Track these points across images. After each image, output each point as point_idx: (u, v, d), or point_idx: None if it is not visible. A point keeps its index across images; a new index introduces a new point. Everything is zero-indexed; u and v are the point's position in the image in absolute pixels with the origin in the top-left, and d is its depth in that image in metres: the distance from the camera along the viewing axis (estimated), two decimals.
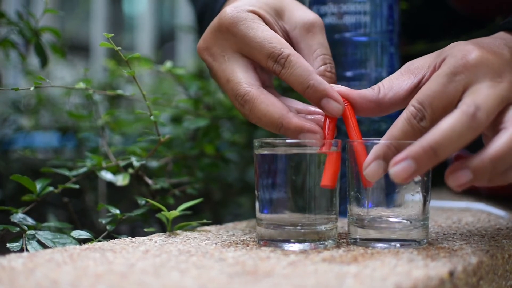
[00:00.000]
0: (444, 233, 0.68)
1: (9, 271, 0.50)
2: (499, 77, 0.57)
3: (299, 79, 0.62)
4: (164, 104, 0.95)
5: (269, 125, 0.63)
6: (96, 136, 1.02)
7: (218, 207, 1.01)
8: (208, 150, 0.91)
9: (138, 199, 0.74)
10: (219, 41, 0.66)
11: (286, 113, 0.62)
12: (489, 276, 0.58)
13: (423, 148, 0.53)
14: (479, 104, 0.55)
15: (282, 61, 0.63)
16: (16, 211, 0.69)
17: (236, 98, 0.64)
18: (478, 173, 0.53)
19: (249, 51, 0.64)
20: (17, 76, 1.61)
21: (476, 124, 0.54)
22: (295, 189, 0.60)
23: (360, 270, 0.51)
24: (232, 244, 0.62)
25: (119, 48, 0.71)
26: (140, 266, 0.52)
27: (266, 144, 0.61)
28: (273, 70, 0.63)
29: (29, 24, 0.87)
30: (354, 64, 0.76)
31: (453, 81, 0.57)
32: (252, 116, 0.64)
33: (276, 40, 0.64)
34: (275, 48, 0.63)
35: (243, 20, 0.65)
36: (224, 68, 0.65)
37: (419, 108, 0.57)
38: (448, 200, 0.91)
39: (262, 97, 0.63)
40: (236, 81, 0.64)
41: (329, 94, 0.62)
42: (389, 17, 0.77)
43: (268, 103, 0.63)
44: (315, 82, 0.62)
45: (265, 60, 0.63)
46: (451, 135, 0.53)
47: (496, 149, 0.53)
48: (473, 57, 0.58)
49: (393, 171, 0.54)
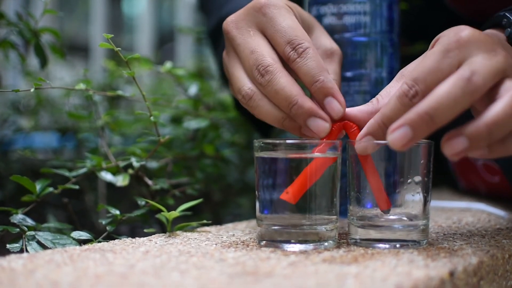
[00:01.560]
0: (445, 233, 0.68)
1: (9, 272, 0.50)
2: (493, 51, 0.57)
3: (311, 71, 0.63)
4: (164, 105, 0.95)
5: (283, 101, 0.63)
6: (96, 136, 1.02)
7: (218, 208, 1.01)
8: (208, 150, 0.91)
9: (138, 200, 0.74)
10: (248, 17, 0.67)
11: (303, 94, 0.63)
12: (490, 276, 0.58)
13: (419, 114, 0.53)
14: (475, 69, 0.54)
15: (300, 50, 0.64)
16: (16, 211, 0.69)
17: (257, 68, 0.64)
18: (474, 139, 0.52)
19: (273, 33, 0.65)
20: (16, 77, 1.61)
21: (473, 88, 0.53)
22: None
23: (360, 271, 0.51)
24: (232, 244, 0.62)
25: (118, 49, 0.71)
26: (140, 267, 0.52)
27: (266, 145, 0.61)
28: (288, 56, 0.64)
29: (28, 25, 0.87)
30: (354, 64, 0.76)
31: (447, 57, 0.57)
32: (269, 89, 0.64)
33: (301, 32, 0.65)
34: (298, 36, 0.64)
35: (277, 6, 0.66)
36: (249, 40, 0.66)
37: (412, 85, 0.57)
38: (448, 200, 0.91)
39: (285, 72, 0.64)
40: (261, 53, 0.65)
41: (335, 94, 0.63)
42: (389, 18, 0.77)
43: (289, 79, 0.64)
44: (325, 79, 0.63)
45: (284, 44, 0.64)
46: (447, 99, 0.53)
47: (492, 115, 0.52)
48: (466, 33, 0.58)
49: (391, 138, 0.54)
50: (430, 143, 0.61)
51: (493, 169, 0.91)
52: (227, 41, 0.69)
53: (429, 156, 0.61)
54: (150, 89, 1.47)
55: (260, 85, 0.64)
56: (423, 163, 0.60)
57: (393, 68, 0.78)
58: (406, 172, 0.60)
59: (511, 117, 0.53)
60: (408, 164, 0.60)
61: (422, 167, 0.60)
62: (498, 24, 0.65)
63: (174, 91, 1.33)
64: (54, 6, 2.97)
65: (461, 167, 0.99)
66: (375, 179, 0.60)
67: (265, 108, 0.65)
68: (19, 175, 0.69)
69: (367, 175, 0.60)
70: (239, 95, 0.67)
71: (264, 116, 0.66)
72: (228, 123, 1.01)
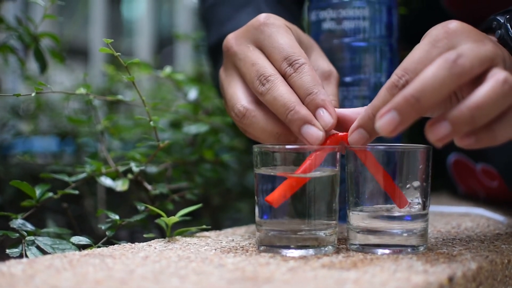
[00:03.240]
0: (444, 238, 0.68)
1: (9, 278, 0.50)
2: (482, 41, 0.57)
3: (306, 84, 0.64)
4: (163, 110, 0.95)
5: (281, 107, 0.64)
6: (95, 141, 1.02)
7: (217, 212, 1.01)
8: (207, 155, 0.91)
9: (138, 205, 0.74)
10: (248, 34, 0.68)
11: (300, 103, 0.64)
12: (489, 282, 0.58)
13: (405, 97, 0.53)
14: (462, 52, 0.54)
15: (297, 65, 0.64)
16: (16, 216, 0.69)
17: (259, 78, 0.65)
18: (456, 123, 0.52)
19: (271, 50, 0.66)
20: (16, 81, 1.61)
21: (459, 70, 0.53)
22: (295, 194, 0.60)
23: (359, 276, 0.51)
24: (231, 250, 0.62)
25: (118, 54, 0.71)
26: (139, 272, 0.52)
27: (265, 156, 0.61)
28: (284, 71, 0.65)
29: (28, 30, 0.87)
30: (353, 69, 0.76)
31: (436, 47, 0.57)
32: (268, 96, 0.64)
33: (298, 50, 0.66)
34: (295, 53, 0.65)
35: (276, 24, 0.68)
36: (249, 54, 0.67)
37: (402, 74, 0.57)
38: (447, 205, 0.92)
39: (285, 82, 0.65)
40: (262, 64, 0.66)
41: (326, 106, 0.63)
42: (388, 23, 0.77)
43: (288, 88, 0.64)
44: (319, 91, 0.63)
45: (281, 61, 0.65)
46: (432, 81, 0.53)
47: (475, 99, 0.52)
48: (454, 24, 0.58)
49: (379, 125, 0.54)
50: (428, 148, 0.61)
51: (492, 174, 0.91)
52: (226, 58, 0.70)
53: (428, 161, 0.61)
54: (149, 93, 1.47)
55: (260, 94, 0.65)
56: (421, 168, 0.61)
57: (392, 73, 0.78)
58: (405, 177, 0.60)
59: (495, 102, 0.52)
60: (407, 169, 0.60)
61: (421, 172, 0.61)
62: (490, 28, 0.65)
63: (173, 95, 1.33)
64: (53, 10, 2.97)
65: (460, 172, 0.99)
66: (386, 179, 0.60)
67: (260, 125, 0.66)
68: (18, 179, 0.69)
69: (376, 177, 0.60)
70: (232, 112, 0.67)
71: (259, 132, 0.66)
72: (227, 127, 1.01)
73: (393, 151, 0.61)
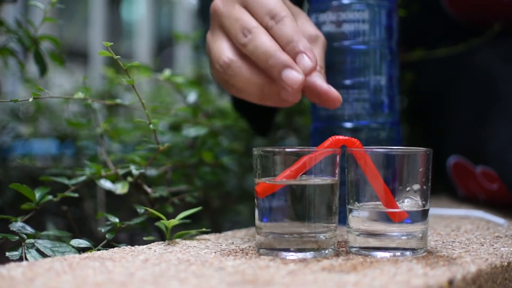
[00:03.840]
0: (443, 241, 0.69)
1: (9, 281, 0.50)
2: None
3: (287, 34, 0.66)
4: (163, 112, 0.95)
5: (261, 55, 0.66)
6: (95, 144, 1.02)
7: (217, 215, 1.01)
8: (207, 158, 0.91)
9: (137, 208, 0.74)
10: None
11: (280, 49, 0.66)
12: (488, 284, 0.58)
13: None
14: None
15: (278, 18, 0.67)
16: (15, 219, 0.69)
17: (242, 31, 0.67)
18: None
19: (254, 7, 0.68)
20: (15, 84, 1.61)
21: None
22: (295, 197, 0.60)
23: (359, 279, 0.51)
24: (231, 252, 0.62)
25: (118, 57, 0.71)
26: (139, 275, 0.52)
27: (265, 159, 0.61)
28: (265, 24, 0.67)
29: (28, 32, 0.87)
30: (352, 72, 0.76)
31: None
32: (250, 46, 0.67)
33: (280, 5, 0.68)
34: (277, 8, 0.67)
35: None
36: (234, 12, 0.69)
37: None
38: (447, 208, 0.92)
39: (266, 34, 0.67)
40: (245, 19, 0.68)
41: (307, 53, 0.66)
42: (387, 25, 0.77)
43: (270, 38, 0.67)
44: (299, 40, 0.66)
45: (263, 15, 0.68)
46: None
47: None
48: None
49: None
50: (428, 151, 0.61)
51: (492, 176, 0.91)
52: (213, 19, 0.72)
53: (428, 164, 0.61)
54: (149, 96, 1.47)
55: (243, 46, 0.67)
56: (421, 171, 0.61)
57: (392, 75, 0.78)
58: (405, 180, 0.60)
59: None
60: (407, 172, 0.61)
61: (421, 175, 0.61)
62: None
63: (173, 98, 1.33)
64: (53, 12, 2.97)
65: (459, 175, 0.99)
66: (379, 185, 0.60)
67: (244, 75, 0.68)
68: (18, 182, 0.69)
69: (372, 184, 0.60)
70: (217, 64, 0.69)
71: (244, 83, 0.68)
72: (227, 130, 1.01)
73: (393, 154, 0.61)
